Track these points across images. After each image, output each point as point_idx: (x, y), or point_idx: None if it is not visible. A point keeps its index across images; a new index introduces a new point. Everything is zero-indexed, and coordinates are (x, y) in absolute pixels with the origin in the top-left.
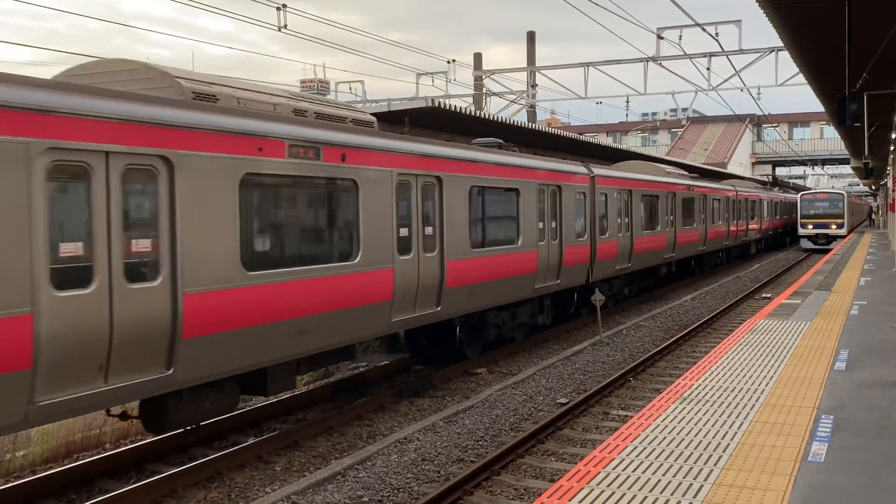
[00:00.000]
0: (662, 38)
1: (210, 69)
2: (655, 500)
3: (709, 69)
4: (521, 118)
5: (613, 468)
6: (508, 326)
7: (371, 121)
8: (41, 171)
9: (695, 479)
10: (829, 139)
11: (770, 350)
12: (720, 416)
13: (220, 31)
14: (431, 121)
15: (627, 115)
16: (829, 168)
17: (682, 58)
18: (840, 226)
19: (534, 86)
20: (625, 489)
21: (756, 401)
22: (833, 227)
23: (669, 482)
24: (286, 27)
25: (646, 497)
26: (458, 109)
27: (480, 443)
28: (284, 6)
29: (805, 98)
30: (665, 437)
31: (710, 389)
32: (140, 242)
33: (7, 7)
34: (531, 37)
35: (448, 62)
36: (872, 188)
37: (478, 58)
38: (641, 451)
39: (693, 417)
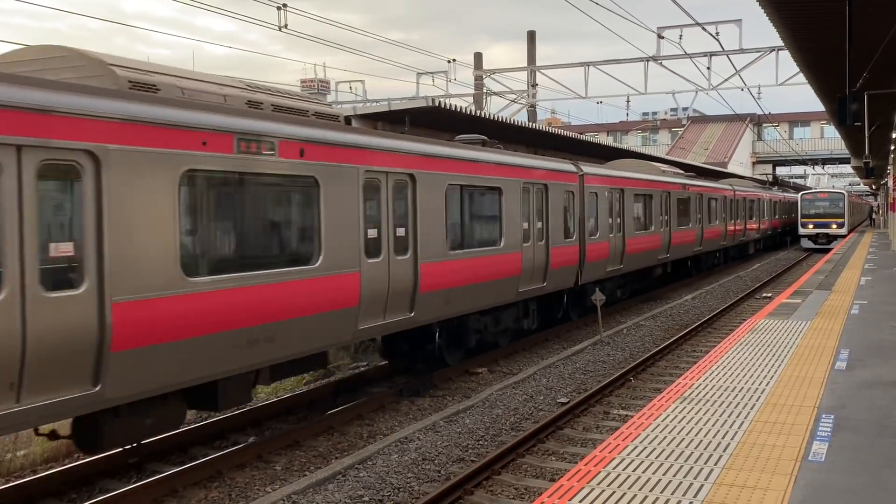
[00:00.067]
0: (663, 38)
1: (211, 69)
2: (656, 500)
3: (709, 68)
4: (522, 118)
5: (614, 468)
6: (491, 332)
7: (337, 114)
8: None
9: (695, 479)
10: (830, 139)
11: (770, 349)
12: (721, 416)
13: (221, 31)
14: (432, 120)
15: (628, 115)
16: (830, 167)
17: (683, 57)
18: (840, 225)
19: (534, 85)
20: (625, 489)
21: (756, 400)
22: (833, 227)
23: (670, 481)
24: (287, 27)
25: (646, 496)
26: (459, 109)
27: (481, 442)
28: (285, 6)
29: (805, 97)
30: (665, 437)
31: (711, 389)
32: (60, 246)
33: (8, 7)
34: (531, 36)
35: (448, 62)
36: (873, 188)
37: (478, 57)
38: (642, 451)
39: (693, 417)
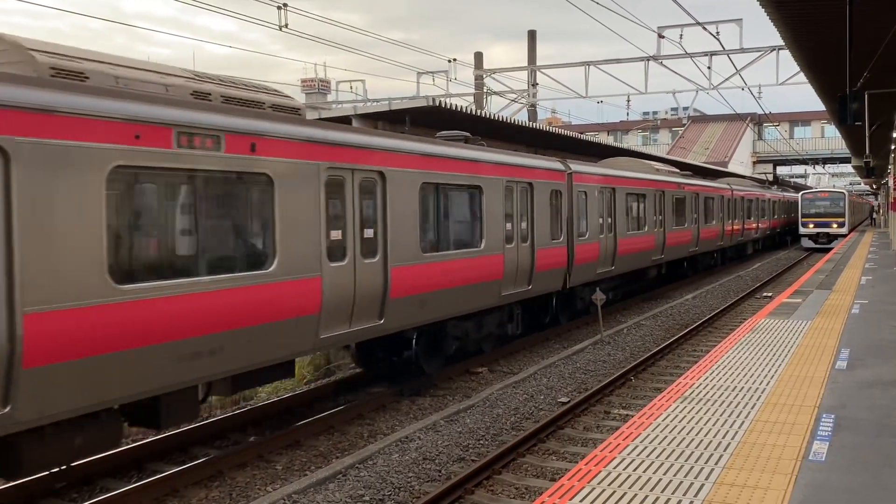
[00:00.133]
0: (663, 37)
1: (212, 68)
2: (656, 499)
3: (710, 68)
4: (522, 117)
5: (614, 467)
6: (474, 338)
7: (298, 107)
8: None
9: (696, 478)
10: (830, 138)
11: (771, 349)
12: (721, 415)
13: (222, 31)
14: (432, 120)
15: (628, 114)
16: (830, 167)
17: (683, 57)
18: (841, 225)
19: (534, 85)
20: (626, 488)
21: (757, 400)
22: (834, 226)
23: (670, 481)
24: (287, 26)
25: (647, 496)
26: (459, 108)
27: (481, 442)
28: (285, 5)
29: (806, 97)
30: (666, 436)
31: (711, 388)
32: None
33: (9, 6)
34: (532, 36)
35: (449, 61)
36: (873, 187)
37: (478, 57)
38: (642, 450)
39: (694, 416)
